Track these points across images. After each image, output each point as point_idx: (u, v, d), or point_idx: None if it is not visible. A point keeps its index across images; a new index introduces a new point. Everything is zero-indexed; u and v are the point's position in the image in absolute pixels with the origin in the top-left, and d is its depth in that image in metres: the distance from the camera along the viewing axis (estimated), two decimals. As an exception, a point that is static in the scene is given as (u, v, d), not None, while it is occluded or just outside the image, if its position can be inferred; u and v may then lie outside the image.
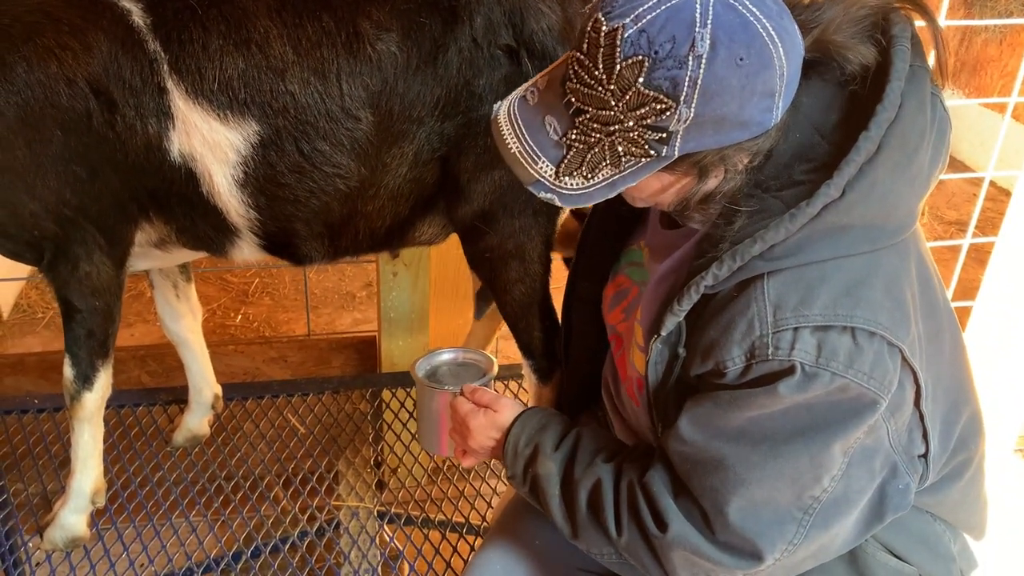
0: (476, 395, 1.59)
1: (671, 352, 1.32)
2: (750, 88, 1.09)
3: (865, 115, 1.18)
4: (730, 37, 1.06)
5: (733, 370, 1.22)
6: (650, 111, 1.10)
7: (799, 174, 1.20)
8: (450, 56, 1.63)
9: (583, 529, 1.39)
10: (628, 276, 1.55)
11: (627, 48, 1.08)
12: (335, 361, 2.97)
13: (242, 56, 1.61)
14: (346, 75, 1.62)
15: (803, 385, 1.18)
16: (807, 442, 1.21)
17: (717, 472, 1.25)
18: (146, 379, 2.85)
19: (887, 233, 1.22)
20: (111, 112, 1.61)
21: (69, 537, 2.04)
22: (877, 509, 1.33)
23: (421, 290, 2.64)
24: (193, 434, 2.43)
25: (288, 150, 1.67)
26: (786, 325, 1.18)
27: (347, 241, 1.85)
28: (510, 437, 1.49)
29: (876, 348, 1.19)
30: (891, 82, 1.18)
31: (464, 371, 1.80)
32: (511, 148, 1.22)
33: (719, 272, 1.21)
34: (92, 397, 1.93)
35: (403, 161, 1.72)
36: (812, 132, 1.22)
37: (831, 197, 1.16)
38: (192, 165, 1.68)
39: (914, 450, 1.34)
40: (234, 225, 1.78)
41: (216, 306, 4.00)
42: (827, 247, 1.19)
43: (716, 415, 1.25)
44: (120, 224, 1.76)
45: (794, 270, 1.19)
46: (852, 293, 1.19)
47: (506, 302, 1.87)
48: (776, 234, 1.17)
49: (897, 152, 1.18)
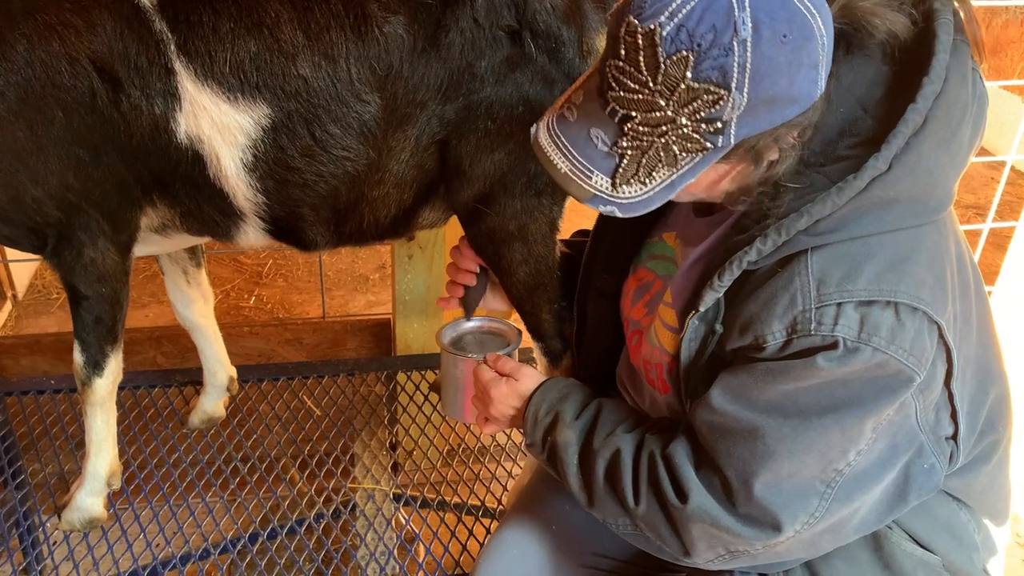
0: (499, 364, 1.60)
1: (707, 329, 1.31)
2: (796, 63, 1.08)
3: (910, 89, 1.17)
4: (770, 16, 1.05)
5: (773, 344, 1.21)
6: (703, 104, 1.08)
7: (843, 149, 1.20)
8: (452, 37, 1.62)
9: (599, 498, 1.39)
10: (651, 270, 1.54)
11: (668, 46, 1.06)
12: (350, 343, 2.97)
13: (254, 39, 1.59)
14: (355, 58, 1.61)
15: (844, 359, 1.17)
16: (840, 417, 1.20)
17: (747, 443, 1.24)
18: (161, 360, 2.86)
19: (930, 209, 1.21)
20: (116, 92, 1.60)
21: (86, 519, 2.05)
22: (901, 489, 1.32)
23: (436, 273, 2.63)
24: (209, 416, 2.43)
25: (300, 133, 1.66)
26: (830, 300, 1.17)
27: (352, 227, 1.84)
28: (531, 405, 1.50)
29: (917, 324, 1.18)
30: (937, 55, 1.17)
31: (489, 340, 1.82)
32: (561, 168, 1.20)
33: (763, 247, 1.20)
34: (103, 382, 1.93)
35: (406, 145, 1.71)
36: (856, 107, 1.21)
37: (879, 170, 1.15)
38: (199, 148, 1.67)
39: (941, 430, 1.32)
40: (240, 209, 1.77)
41: (230, 287, 4.01)
42: (872, 222, 1.18)
43: (750, 386, 1.24)
44: (124, 209, 1.75)
45: (838, 245, 1.19)
46: (896, 268, 1.18)
47: (511, 284, 1.86)
48: (823, 208, 1.17)
49: (943, 126, 1.17)
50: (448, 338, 1.79)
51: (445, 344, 1.76)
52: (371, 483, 2.38)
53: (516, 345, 1.75)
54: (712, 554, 1.32)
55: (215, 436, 2.40)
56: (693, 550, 1.32)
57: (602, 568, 1.69)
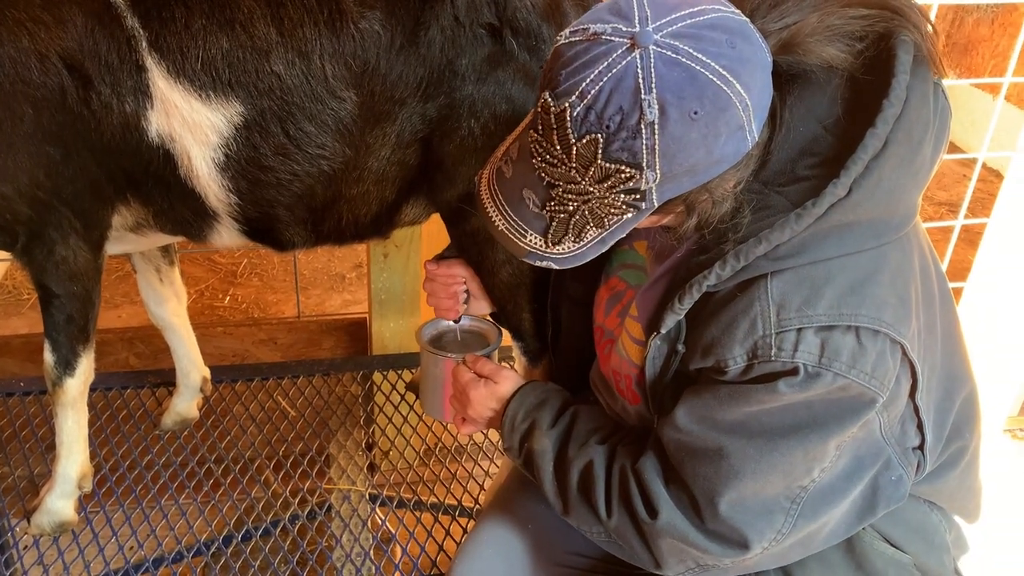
0: (478, 365, 1.60)
1: (670, 348, 1.31)
2: (713, 134, 1.06)
3: (870, 109, 1.15)
4: (678, 96, 1.03)
5: (734, 368, 1.21)
6: (616, 181, 1.09)
7: (803, 169, 1.18)
8: (432, 35, 1.60)
9: (574, 507, 1.39)
10: (623, 279, 1.53)
11: (579, 127, 1.06)
12: (325, 343, 2.96)
13: (226, 36, 1.57)
14: (329, 55, 1.59)
15: (805, 384, 1.17)
16: (803, 438, 1.21)
17: (711, 462, 1.24)
18: (134, 361, 2.83)
19: (892, 227, 1.20)
20: (86, 89, 1.57)
21: (56, 522, 2.02)
22: (870, 500, 1.33)
23: (412, 272, 2.62)
24: (182, 417, 2.41)
25: (273, 131, 1.64)
26: (789, 326, 1.16)
27: (330, 226, 1.82)
28: (508, 410, 1.50)
29: (879, 347, 1.18)
30: (896, 76, 1.15)
31: (470, 339, 1.81)
32: (498, 226, 1.22)
33: (722, 272, 1.19)
34: (74, 383, 1.90)
35: (386, 143, 1.69)
36: (816, 125, 1.19)
37: (837, 196, 1.13)
38: (170, 146, 1.64)
39: (908, 442, 1.33)
40: (213, 210, 1.75)
41: (204, 287, 3.97)
42: (832, 245, 1.17)
43: (714, 407, 1.24)
44: (96, 207, 1.73)
45: (798, 269, 1.18)
46: (857, 291, 1.17)
47: (493, 284, 1.85)
48: (781, 235, 1.15)
49: (903, 147, 1.16)
50: (428, 336, 1.77)
51: (425, 343, 1.74)
52: (347, 484, 2.36)
53: (496, 345, 1.74)
54: (682, 567, 1.33)
55: (188, 437, 2.37)
56: (664, 563, 1.33)
57: (578, 567, 1.68)
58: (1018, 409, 3.16)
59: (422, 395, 1.81)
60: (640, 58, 1.04)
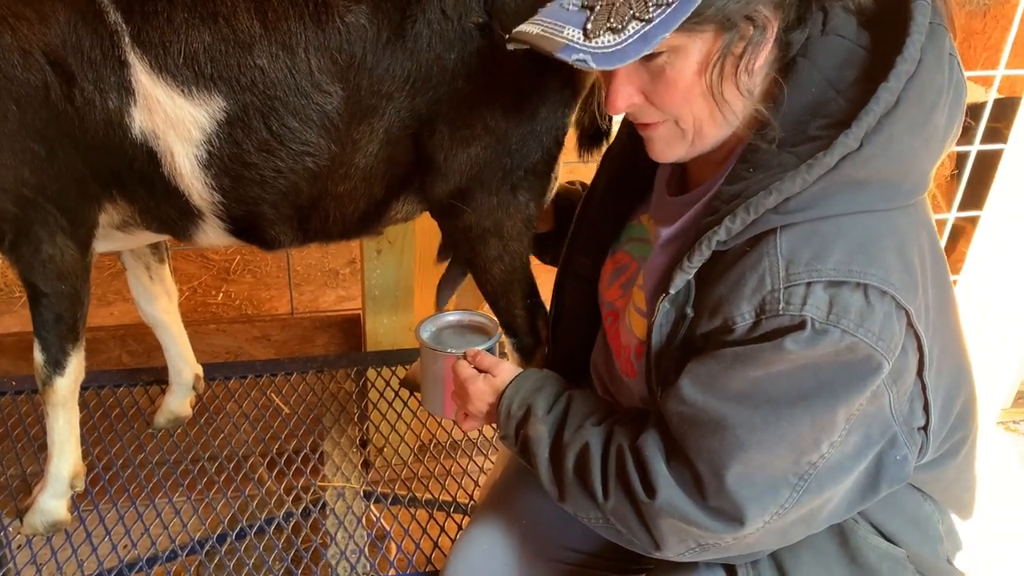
0: (478, 359, 1.58)
1: (678, 313, 1.29)
2: None
3: (883, 70, 1.16)
4: None
5: (742, 325, 1.20)
6: None
7: (814, 130, 1.19)
8: (419, 28, 1.58)
9: (570, 492, 1.38)
10: (628, 252, 1.53)
11: None
12: (319, 340, 2.95)
13: (208, 29, 1.55)
14: (315, 48, 1.57)
15: (812, 341, 1.16)
16: (809, 405, 1.19)
17: (716, 434, 1.22)
18: (127, 359, 2.82)
19: (902, 192, 1.21)
20: (69, 85, 1.56)
21: (49, 522, 2.01)
22: (873, 478, 1.31)
23: (406, 267, 2.61)
24: (175, 415, 2.40)
25: (255, 127, 1.62)
26: (798, 280, 1.16)
27: (317, 224, 1.80)
28: (504, 398, 1.49)
29: (886, 309, 1.17)
30: (911, 35, 1.17)
31: (469, 333, 1.78)
32: (532, 31, 1.21)
33: (732, 226, 1.19)
34: (64, 382, 1.89)
35: (373, 138, 1.67)
36: (827, 87, 1.21)
37: (849, 148, 1.14)
38: (154, 144, 1.63)
39: (914, 421, 1.32)
40: (197, 208, 1.73)
41: (197, 284, 3.96)
42: (843, 201, 1.17)
43: (719, 374, 1.23)
44: (82, 205, 1.71)
45: (808, 224, 1.18)
46: (866, 250, 1.17)
47: (486, 280, 1.84)
48: (792, 185, 1.16)
49: (915, 108, 1.16)
50: (428, 332, 1.75)
51: (424, 339, 1.71)
52: (341, 481, 2.36)
53: (497, 339, 1.72)
54: (683, 547, 1.31)
55: (182, 435, 2.37)
56: (663, 544, 1.31)
57: (573, 562, 1.69)
58: (1011, 401, 3.17)
59: (423, 392, 1.79)
60: None
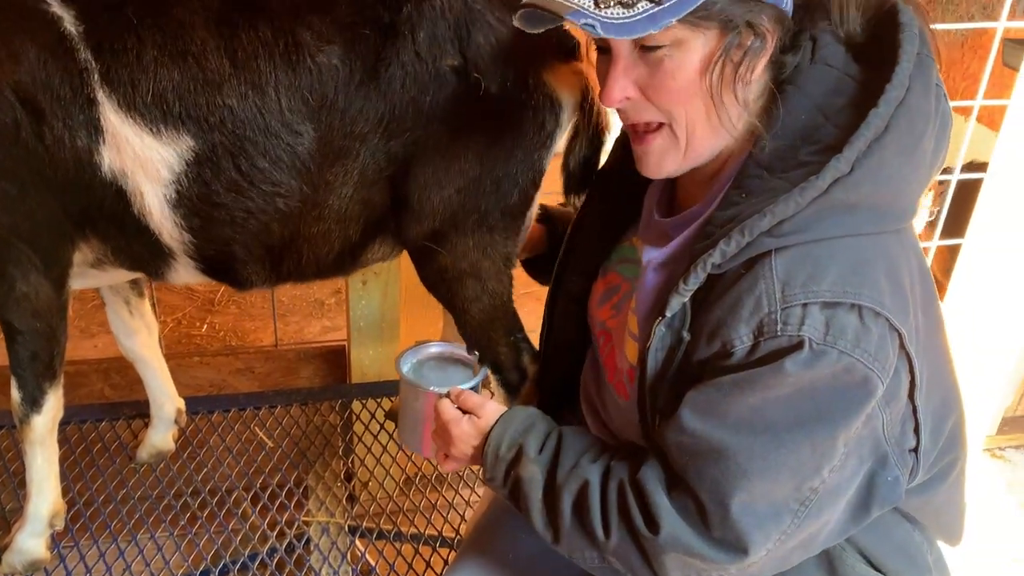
0: (462, 399, 1.52)
1: (674, 337, 1.29)
2: None
3: (872, 97, 1.19)
4: None
5: (740, 348, 1.20)
6: None
7: (805, 155, 1.22)
8: (392, 71, 1.58)
9: (566, 533, 1.35)
10: (619, 273, 1.53)
11: None
12: (303, 371, 2.93)
13: (177, 68, 1.54)
14: (285, 88, 1.57)
15: (810, 362, 1.16)
16: (810, 431, 1.20)
17: (718, 463, 1.22)
18: (109, 392, 2.79)
19: (892, 217, 1.23)
20: (39, 123, 1.55)
21: (27, 561, 1.97)
22: (865, 499, 1.31)
23: (391, 298, 2.60)
24: (157, 450, 2.38)
25: (225, 167, 1.60)
26: (795, 301, 1.17)
27: (290, 265, 1.79)
28: (491, 439, 1.44)
29: (880, 330, 1.19)
30: (900, 63, 1.20)
31: (452, 368, 1.70)
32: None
33: (727, 248, 1.21)
34: (42, 420, 1.87)
35: (347, 180, 1.66)
36: (817, 114, 1.23)
37: (841, 172, 1.17)
38: (123, 182, 1.61)
39: (905, 443, 1.33)
40: (168, 247, 1.71)
41: (181, 315, 3.93)
42: (834, 225, 1.19)
43: (719, 401, 1.22)
44: (56, 243, 1.70)
45: (802, 247, 1.20)
46: (859, 272, 1.19)
47: (465, 322, 1.83)
48: (786, 208, 1.17)
49: (904, 134, 1.19)
50: (408, 365, 1.67)
51: (405, 373, 1.64)
52: (325, 515, 2.33)
53: (482, 376, 1.66)
54: None
55: (164, 470, 2.34)
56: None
57: (560, 597, 1.66)
58: (996, 428, 3.18)
59: (400, 428, 1.73)
60: None
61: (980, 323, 2.71)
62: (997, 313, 2.69)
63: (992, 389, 2.87)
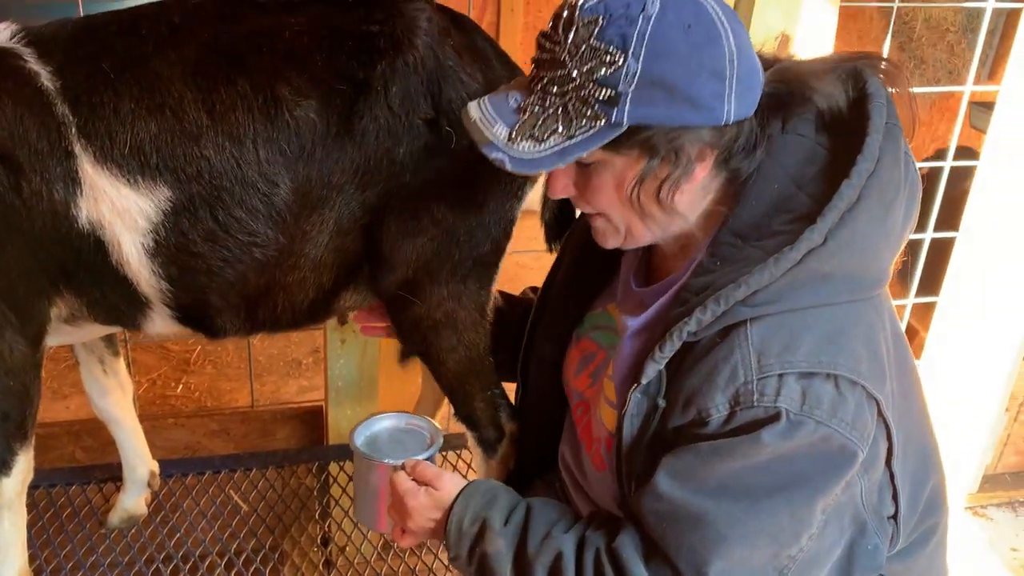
0: (417, 470, 1.49)
1: (650, 403, 1.29)
2: (697, 59, 1.15)
3: (844, 168, 1.21)
4: (679, 5, 1.16)
5: (717, 418, 1.20)
6: (600, 63, 1.16)
7: (778, 224, 1.23)
8: (366, 124, 1.61)
9: None
10: (594, 340, 1.53)
11: (586, 12, 1.17)
12: (280, 433, 2.88)
13: (155, 120, 1.56)
14: (263, 140, 1.59)
15: (787, 433, 1.16)
16: (788, 497, 1.19)
17: (697, 529, 1.21)
18: (80, 455, 2.73)
19: (865, 284, 1.24)
20: (16, 177, 1.55)
21: (-9, 633, 1.91)
22: (845, 569, 1.31)
23: (370, 357, 2.58)
24: (129, 514, 2.32)
25: (202, 217, 1.61)
26: (771, 371, 1.17)
27: (265, 314, 1.79)
28: (453, 516, 1.40)
29: (857, 399, 1.19)
30: (870, 135, 1.22)
31: (408, 439, 1.65)
32: (472, 116, 1.28)
33: (703, 317, 1.21)
34: (10, 483, 1.81)
35: (323, 229, 1.68)
36: (790, 183, 1.25)
37: (814, 243, 1.18)
38: (100, 233, 1.62)
39: (884, 510, 1.32)
40: (145, 296, 1.71)
41: (156, 376, 3.88)
42: (809, 294, 1.20)
43: (696, 468, 1.22)
44: (31, 299, 1.68)
45: (777, 316, 1.20)
46: (834, 341, 1.19)
47: (441, 373, 1.82)
48: (760, 278, 1.18)
49: (876, 204, 1.21)
50: (362, 438, 1.63)
51: (358, 445, 1.60)
52: (301, 581, 2.28)
53: (437, 448, 1.60)
54: None
55: (136, 535, 2.28)
56: None
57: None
58: (978, 486, 3.18)
59: (356, 503, 1.68)
60: None
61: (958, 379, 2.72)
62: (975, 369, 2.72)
63: (972, 446, 2.88)
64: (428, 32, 1.63)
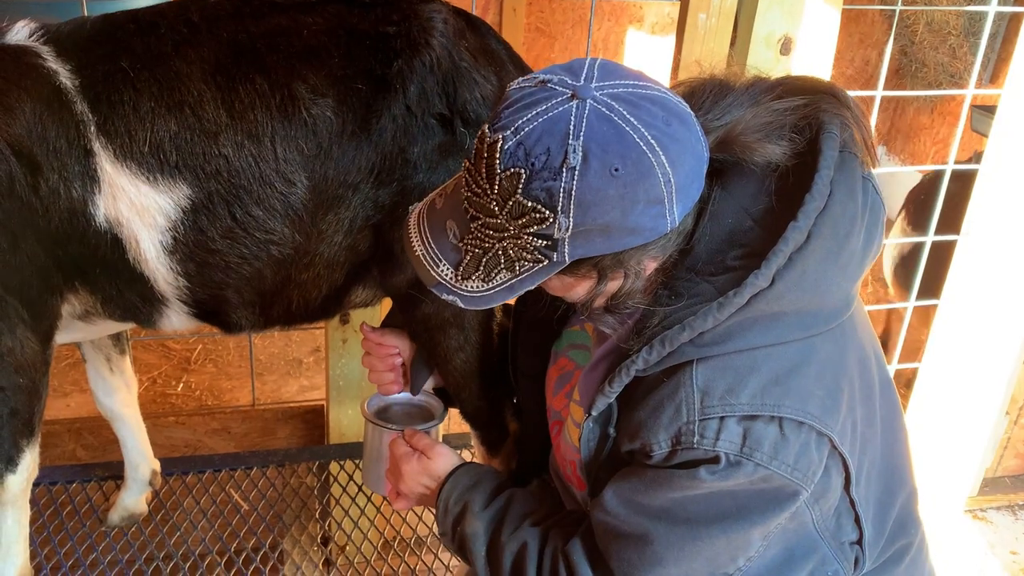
0: (414, 439, 1.60)
1: (602, 431, 1.31)
2: (631, 197, 1.09)
3: (796, 203, 1.17)
4: (603, 148, 1.07)
5: (659, 453, 1.21)
6: (531, 220, 1.11)
7: (732, 259, 1.19)
8: (384, 123, 1.62)
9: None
10: (571, 359, 1.52)
11: (506, 160, 1.10)
12: (281, 432, 2.89)
13: (174, 118, 1.57)
14: (281, 139, 1.60)
15: (726, 473, 1.17)
16: (726, 527, 1.21)
17: (636, 547, 1.24)
18: (81, 453, 2.73)
19: (822, 319, 1.21)
20: (34, 176, 1.55)
21: (-9, 630, 1.91)
22: None
23: (371, 358, 2.58)
24: (130, 512, 2.32)
25: (220, 215, 1.63)
26: (712, 414, 1.16)
27: (279, 310, 1.81)
28: (441, 494, 1.49)
29: (803, 439, 1.17)
30: (819, 171, 1.17)
31: (416, 412, 1.81)
32: (416, 251, 1.24)
33: (649, 357, 1.20)
34: (16, 480, 1.81)
35: (339, 228, 1.69)
36: (744, 216, 1.21)
37: (759, 287, 1.14)
38: (118, 231, 1.63)
39: (843, 536, 1.32)
40: (162, 293, 1.72)
41: (157, 374, 3.89)
42: (757, 335, 1.17)
43: (640, 491, 1.24)
44: (44, 296, 1.68)
45: (724, 357, 1.18)
46: (782, 382, 1.17)
47: (447, 372, 1.83)
48: (704, 322, 1.15)
49: (828, 240, 1.17)
50: (374, 408, 1.78)
51: (369, 414, 1.75)
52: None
53: (439, 421, 1.75)
54: None
55: (136, 534, 2.28)
56: None
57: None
58: (978, 489, 3.18)
59: (363, 467, 1.82)
60: (576, 107, 1.08)
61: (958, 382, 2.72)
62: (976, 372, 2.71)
63: (972, 450, 2.88)
64: (444, 33, 1.64)
